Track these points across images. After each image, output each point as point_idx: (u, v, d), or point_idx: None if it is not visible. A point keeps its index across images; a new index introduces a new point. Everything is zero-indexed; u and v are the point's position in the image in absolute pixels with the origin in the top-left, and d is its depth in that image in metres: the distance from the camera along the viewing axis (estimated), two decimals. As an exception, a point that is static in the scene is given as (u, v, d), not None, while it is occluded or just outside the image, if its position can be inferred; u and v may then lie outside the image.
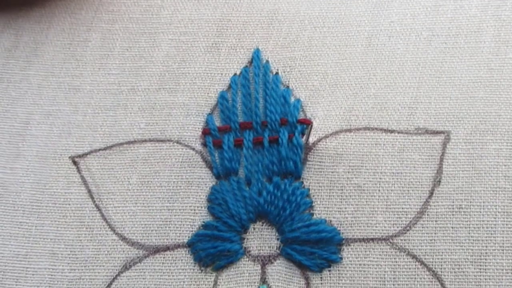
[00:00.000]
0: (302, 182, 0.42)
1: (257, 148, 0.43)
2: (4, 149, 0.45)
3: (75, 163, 0.44)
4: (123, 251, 0.42)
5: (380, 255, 0.40)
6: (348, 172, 0.41)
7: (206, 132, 0.44)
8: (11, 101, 0.47)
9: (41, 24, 0.49)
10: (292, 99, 0.44)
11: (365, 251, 0.40)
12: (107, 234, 0.42)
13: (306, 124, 0.42)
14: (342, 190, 0.41)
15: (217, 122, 0.44)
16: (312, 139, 0.42)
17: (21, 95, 0.47)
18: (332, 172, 0.41)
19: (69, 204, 0.43)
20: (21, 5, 0.50)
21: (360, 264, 0.40)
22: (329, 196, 0.41)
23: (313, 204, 0.41)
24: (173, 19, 0.48)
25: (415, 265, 0.39)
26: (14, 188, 0.44)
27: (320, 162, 0.42)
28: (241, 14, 0.47)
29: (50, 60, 0.48)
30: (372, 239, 0.40)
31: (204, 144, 0.43)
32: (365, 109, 0.43)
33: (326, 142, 0.42)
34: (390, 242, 0.40)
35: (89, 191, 0.43)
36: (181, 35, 0.47)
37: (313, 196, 0.41)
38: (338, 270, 0.40)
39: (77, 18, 0.49)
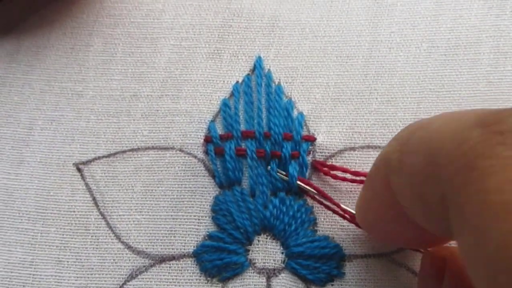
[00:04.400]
0: (306, 200, 0.41)
1: (261, 159, 0.42)
2: (8, 155, 0.44)
3: (79, 170, 0.43)
4: (129, 260, 0.41)
5: (381, 270, 0.40)
6: (351, 191, 0.41)
7: (208, 140, 0.43)
8: (14, 106, 0.45)
9: (43, 28, 0.47)
10: (295, 112, 0.42)
11: (367, 267, 0.40)
12: (112, 242, 0.42)
13: (310, 141, 0.41)
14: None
15: (219, 130, 0.43)
16: (318, 158, 0.41)
17: (23, 100, 0.45)
18: (335, 191, 0.41)
19: (74, 212, 0.42)
20: (22, 9, 0.48)
21: (362, 279, 0.40)
22: (332, 214, 0.40)
23: (317, 221, 0.41)
24: (175, 24, 0.46)
25: (415, 279, 0.39)
26: (19, 195, 0.43)
27: (323, 181, 0.41)
28: (242, 20, 0.46)
29: (52, 64, 0.46)
30: (373, 255, 0.40)
31: (206, 152, 0.42)
32: (367, 125, 0.42)
33: (332, 162, 0.41)
34: (391, 258, 0.39)
35: (94, 199, 0.42)
36: (182, 41, 0.46)
37: (317, 213, 0.41)
38: (341, 285, 0.40)
39: (79, 22, 0.47)
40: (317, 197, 0.40)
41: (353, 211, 0.39)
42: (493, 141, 0.24)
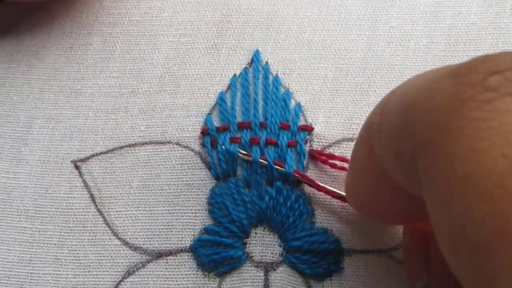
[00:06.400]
0: (304, 189, 0.40)
1: (256, 148, 0.40)
2: (7, 154, 0.44)
3: (77, 167, 0.42)
4: (126, 256, 0.40)
5: (379, 266, 0.38)
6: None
7: (204, 133, 0.42)
8: (13, 106, 0.45)
9: (42, 27, 0.47)
10: (293, 103, 0.42)
11: (365, 262, 0.39)
12: (110, 239, 0.41)
13: (308, 130, 0.40)
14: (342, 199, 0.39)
15: (216, 123, 0.42)
16: (315, 147, 0.40)
17: (23, 99, 0.45)
18: (332, 181, 0.40)
19: (71, 209, 0.42)
20: (22, 9, 0.47)
21: (360, 275, 0.38)
22: (330, 205, 0.39)
23: (314, 212, 0.39)
24: (173, 21, 0.45)
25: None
26: (17, 193, 0.42)
27: (320, 170, 0.40)
28: (240, 16, 0.45)
29: (52, 63, 0.45)
30: (372, 251, 0.39)
31: (203, 145, 0.42)
32: (365, 117, 0.41)
33: (329, 151, 0.40)
34: (389, 255, 0.38)
35: (91, 196, 0.42)
36: (181, 37, 0.45)
37: (314, 204, 0.40)
38: (340, 280, 0.39)
39: (78, 22, 0.46)
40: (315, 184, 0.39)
41: None
42: (464, 96, 0.23)
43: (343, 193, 0.38)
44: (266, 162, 0.40)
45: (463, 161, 0.22)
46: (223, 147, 0.40)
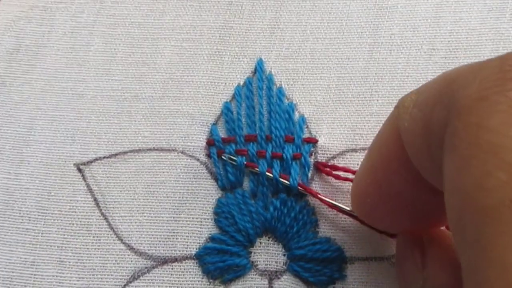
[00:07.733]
0: (308, 200, 0.41)
1: (262, 162, 0.41)
2: (8, 155, 0.44)
3: (80, 170, 0.43)
4: (131, 261, 0.41)
5: (381, 273, 0.40)
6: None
7: (210, 143, 0.42)
8: (14, 105, 0.45)
9: (43, 26, 0.46)
10: (297, 114, 0.42)
11: (368, 269, 0.40)
12: (114, 243, 0.41)
13: (312, 142, 0.41)
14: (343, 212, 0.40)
15: (221, 133, 0.43)
16: (320, 159, 0.41)
17: (24, 100, 0.45)
18: (336, 192, 0.41)
19: (75, 212, 0.42)
20: (22, 7, 0.47)
21: (363, 282, 0.40)
22: (333, 215, 0.41)
23: (318, 222, 0.40)
24: (175, 25, 0.46)
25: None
26: (20, 194, 0.43)
27: (325, 182, 0.41)
28: (243, 22, 0.45)
29: (53, 64, 0.45)
30: (374, 258, 0.40)
31: (209, 155, 0.42)
32: (368, 127, 0.42)
33: (333, 163, 0.41)
34: (391, 262, 0.40)
35: (95, 200, 0.42)
36: (183, 42, 0.45)
37: (318, 214, 0.41)
38: (343, 287, 0.39)
39: (79, 22, 0.46)
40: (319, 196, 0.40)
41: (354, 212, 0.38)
42: (508, 75, 0.24)
43: (345, 207, 0.39)
44: (272, 175, 0.40)
45: (493, 132, 0.23)
46: (227, 156, 0.41)
